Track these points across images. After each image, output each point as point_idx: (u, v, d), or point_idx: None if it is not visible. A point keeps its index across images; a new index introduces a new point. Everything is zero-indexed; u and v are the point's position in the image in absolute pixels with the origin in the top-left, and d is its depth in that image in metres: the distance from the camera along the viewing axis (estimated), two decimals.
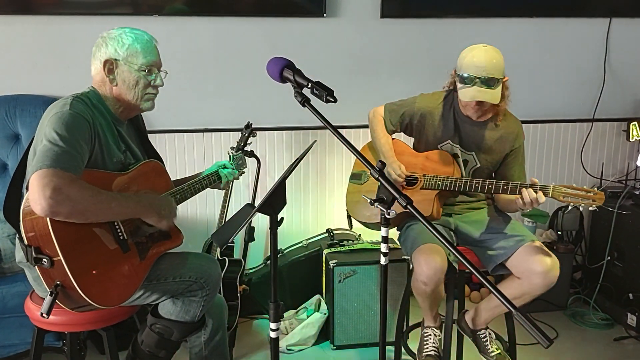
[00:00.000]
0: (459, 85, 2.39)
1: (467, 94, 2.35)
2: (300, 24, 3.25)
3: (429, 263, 2.25)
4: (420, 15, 3.35)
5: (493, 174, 2.60)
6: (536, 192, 2.25)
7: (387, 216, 1.61)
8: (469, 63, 2.33)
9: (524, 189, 2.27)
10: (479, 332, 2.49)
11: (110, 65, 1.99)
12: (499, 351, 2.44)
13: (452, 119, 2.51)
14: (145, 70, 2.01)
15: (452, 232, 2.55)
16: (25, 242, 1.79)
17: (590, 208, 2.23)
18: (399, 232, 2.62)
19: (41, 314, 1.79)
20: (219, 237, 1.81)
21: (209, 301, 2.11)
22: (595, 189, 2.26)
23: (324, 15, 3.22)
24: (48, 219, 1.72)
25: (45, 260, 1.75)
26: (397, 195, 1.44)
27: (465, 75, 2.34)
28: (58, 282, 1.77)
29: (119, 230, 1.90)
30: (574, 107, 3.61)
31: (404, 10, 3.34)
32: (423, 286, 2.29)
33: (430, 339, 2.51)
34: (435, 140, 2.55)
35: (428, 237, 2.35)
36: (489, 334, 2.48)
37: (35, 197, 1.67)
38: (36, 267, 1.79)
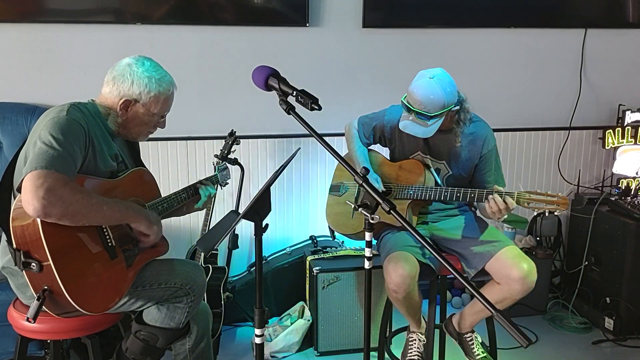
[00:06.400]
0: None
1: (402, 123, 2.40)
2: (283, 33, 3.29)
3: (397, 271, 2.28)
4: (401, 25, 3.40)
5: (470, 181, 2.62)
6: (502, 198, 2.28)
7: (371, 221, 1.64)
8: (410, 92, 2.35)
9: (490, 197, 2.30)
10: (465, 335, 2.53)
11: (128, 104, 2.01)
12: (485, 354, 2.49)
13: None
14: (158, 116, 2.07)
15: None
16: (14, 246, 1.79)
17: (556, 213, 2.28)
18: (375, 242, 2.65)
19: (27, 319, 1.79)
20: (204, 243, 1.83)
21: (194, 307, 2.12)
22: (560, 193, 2.29)
23: (307, 24, 3.26)
24: (39, 223, 1.72)
25: (34, 264, 1.75)
26: (381, 200, 1.47)
27: (405, 103, 2.37)
28: (46, 287, 1.77)
29: (107, 237, 1.90)
30: (551, 115, 3.69)
31: (386, 20, 3.39)
32: (394, 294, 2.33)
33: (415, 343, 2.55)
34: (406, 151, 2.59)
35: (399, 245, 2.39)
36: (475, 337, 2.53)
37: (28, 198, 1.67)
38: (24, 271, 1.78)
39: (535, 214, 2.26)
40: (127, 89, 1.99)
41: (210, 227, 2.97)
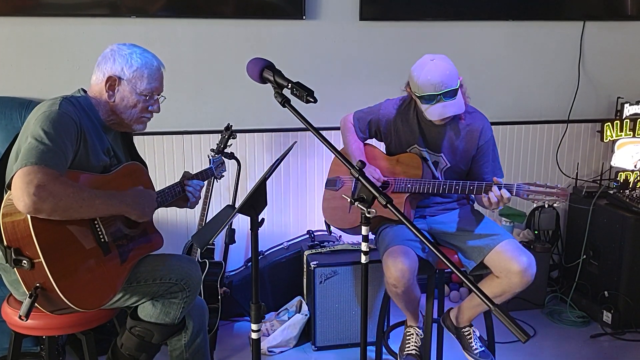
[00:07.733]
0: (422, 105, 2.40)
1: (435, 113, 2.36)
2: (280, 26, 3.26)
3: (396, 265, 2.27)
4: (398, 18, 3.38)
5: (467, 173, 2.61)
6: (500, 190, 2.28)
7: (368, 215, 1.62)
8: (425, 82, 2.33)
9: (490, 190, 2.29)
10: (463, 330, 2.52)
11: (112, 82, 1.99)
12: (483, 348, 2.48)
13: (416, 123, 2.53)
14: (146, 96, 2.03)
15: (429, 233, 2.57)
16: (5, 243, 1.76)
17: (556, 204, 2.27)
18: (374, 236, 2.64)
19: (20, 317, 1.77)
20: (200, 238, 1.82)
21: (189, 303, 2.10)
22: (559, 185, 2.29)
23: (304, 17, 3.23)
24: (30, 220, 1.70)
25: (25, 262, 1.73)
26: (377, 194, 1.45)
27: (426, 95, 2.35)
28: (38, 285, 1.75)
29: (100, 232, 1.88)
30: (550, 108, 3.67)
31: (383, 13, 3.37)
32: (394, 288, 2.32)
33: (412, 338, 2.54)
34: (402, 144, 2.58)
35: (398, 239, 2.38)
36: (473, 331, 2.52)
37: (19, 194, 1.66)
38: (15, 269, 1.77)
39: (534, 206, 2.25)
40: (110, 67, 1.98)
41: (206, 222, 2.96)
